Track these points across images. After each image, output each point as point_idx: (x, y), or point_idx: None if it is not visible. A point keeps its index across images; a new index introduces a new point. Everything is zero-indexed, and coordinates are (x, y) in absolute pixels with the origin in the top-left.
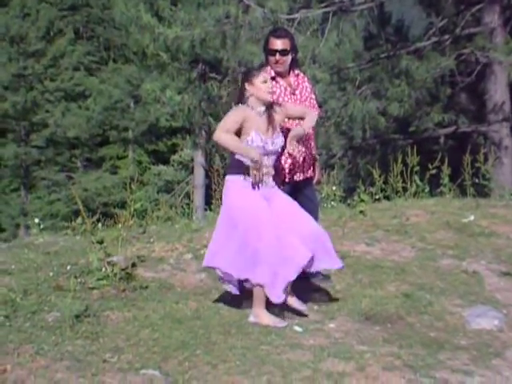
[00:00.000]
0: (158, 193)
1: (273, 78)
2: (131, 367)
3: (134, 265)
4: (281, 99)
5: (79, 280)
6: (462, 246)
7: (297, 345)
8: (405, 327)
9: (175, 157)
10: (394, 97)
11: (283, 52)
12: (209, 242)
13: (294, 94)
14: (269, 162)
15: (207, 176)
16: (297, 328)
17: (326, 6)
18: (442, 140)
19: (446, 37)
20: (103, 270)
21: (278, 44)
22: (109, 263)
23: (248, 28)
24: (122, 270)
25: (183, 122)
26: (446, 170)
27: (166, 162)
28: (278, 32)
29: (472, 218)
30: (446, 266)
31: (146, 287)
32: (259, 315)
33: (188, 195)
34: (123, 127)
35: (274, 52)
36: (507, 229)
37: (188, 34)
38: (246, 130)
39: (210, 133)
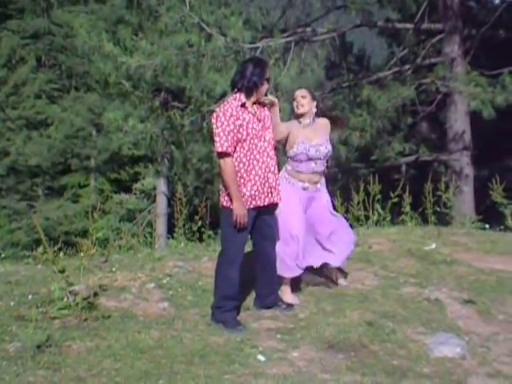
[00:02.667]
0: (120, 221)
1: (242, 105)
2: None
3: (96, 294)
4: (250, 126)
5: (41, 309)
6: (424, 273)
7: (260, 374)
8: (368, 355)
9: (137, 185)
10: (356, 126)
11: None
12: (172, 271)
13: (259, 120)
14: (316, 167)
15: (169, 204)
16: (260, 357)
17: (287, 36)
18: (403, 169)
19: (407, 67)
20: (65, 299)
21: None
22: (71, 292)
23: (210, 56)
24: (84, 299)
25: (146, 151)
26: (407, 199)
27: (128, 190)
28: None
29: (434, 245)
30: (408, 294)
31: (109, 317)
32: (284, 292)
33: (150, 224)
34: (85, 155)
35: (268, 80)
36: (469, 256)
37: (150, 62)
38: (292, 139)
39: (172, 161)
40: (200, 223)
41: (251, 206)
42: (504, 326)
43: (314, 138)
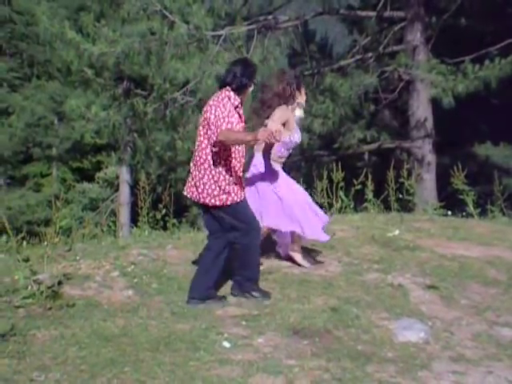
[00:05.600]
0: (83, 210)
1: (236, 107)
2: None
3: (60, 283)
4: (238, 126)
5: (5, 299)
6: (388, 260)
7: (226, 360)
8: (332, 341)
9: (100, 174)
10: (319, 113)
11: None
12: (136, 259)
13: (242, 122)
14: (287, 154)
15: (133, 193)
16: (225, 343)
17: (250, 24)
18: (366, 156)
19: (370, 54)
20: (29, 288)
21: None
22: (35, 281)
23: (173, 44)
24: (49, 288)
25: (108, 139)
26: (370, 186)
27: (90, 179)
28: None
29: (397, 232)
30: (371, 280)
31: (73, 305)
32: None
33: (114, 213)
34: (47, 144)
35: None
36: (431, 242)
37: (113, 50)
38: (289, 126)
39: (135, 149)
40: (164, 211)
41: (242, 198)
42: (466, 310)
43: (296, 126)
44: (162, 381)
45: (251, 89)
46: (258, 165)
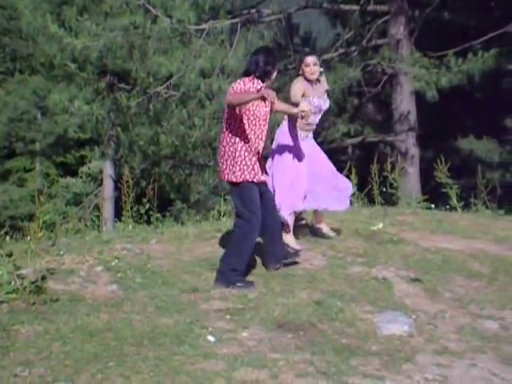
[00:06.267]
0: (66, 205)
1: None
2: (43, 381)
3: (43, 277)
4: (260, 108)
5: None
6: (372, 253)
7: (210, 354)
8: (317, 334)
9: (84, 169)
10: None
11: None
12: (120, 253)
13: (266, 105)
14: (315, 120)
15: (116, 188)
16: (210, 337)
17: (233, 17)
18: (349, 150)
19: (353, 48)
20: (12, 283)
21: None
22: (18, 276)
23: (156, 38)
24: (32, 282)
25: (91, 133)
26: (354, 180)
27: (74, 174)
28: None
29: (381, 225)
30: (356, 274)
31: (57, 300)
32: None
33: (97, 207)
34: (30, 139)
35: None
36: (415, 236)
37: (95, 44)
38: (307, 94)
39: (118, 143)
40: (148, 206)
41: (254, 180)
42: (450, 303)
43: (321, 95)
44: (147, 375)
45: (275, 74)
46: (284, 132)
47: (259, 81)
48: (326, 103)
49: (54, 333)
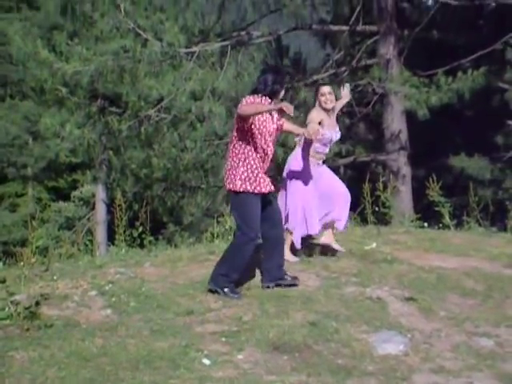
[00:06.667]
0: (59, 230)
1: None
2: None
3: (37, 303)
4: (267, 124)
5: None
6: (366, 273)
7: (206, 377)
8: (312, 355)
9: (76, 193)
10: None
11: None
12: (114, 277)
13: (273, 122)
14: (325, 150)
15: (109, 211)
16: (205, 360)
17: (223, 40)
18: (341, 170)
19: (343, 68)
20: (6, 309)
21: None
22: (12, 302)
23: (146, 62)
24: (26, 308)
25: (83, 157)
26: None
27: (66, 198)
28: None
29: (374, 245)
30: (350, 294)
31: (51, 325)
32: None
33: (90, 231)
34: (22, 164)
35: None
36: (408, 255)
37: (86, 68)
38: (322, 123)
39: (110, 167)
40: (141, 229)
41: (255, 191)
42: (445, 322)
43: (335, 126)
44: None
45: (282, 93)
46: (297, 159)
47: (267, 98)
48: (337, 135)
49: (49, 358)
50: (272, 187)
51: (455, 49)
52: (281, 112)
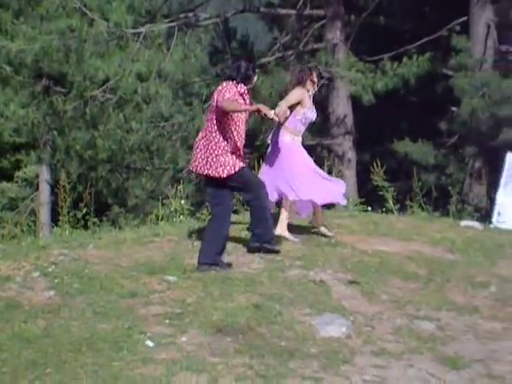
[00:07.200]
0: (1, 210)
1: (241, 94)
2: None
3: None
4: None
5: None
6: (309, 256)
7: (149, 359)
8: (256, 338)
9: (19, 173)
10: None
11: None
12: (57, 259)
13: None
14: (304, 130)
15: (53, 192)
16: (148, 342)
17: (171, 21)
18: None
19: (290, 52)
20: None
21: None
22: None
23: (93, 42)
24: None
25: (27, 137)
26: None
27: (9, 178)
28: None
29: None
30: (294, 276)
31: None
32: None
33: (34, 212)
34: None
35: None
36: (352, 238)
37: (31, 47)
38: (303, 105)
39: (54, 148)
40: (85, 210)
41: (245, 165)
42: (387, 305)
43: (312, 106)
44: (85, 381)
45: (255, 78)
46: (278, 138)
47: (242, 84)
48: (315, 115)
49: None
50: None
51: (401, 35)
52: (258, 112)
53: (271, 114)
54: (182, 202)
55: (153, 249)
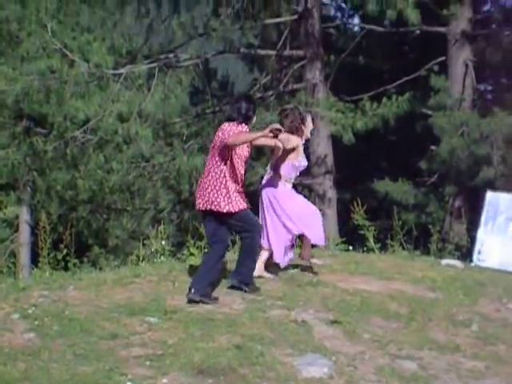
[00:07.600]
0: None
1: None
2: None
3: None
4: (245, 148)
5: None
6: (291, 295)
7: None
8: (237, 379)
9: None
10: None
11: None
12: (37, 301)
13: (248, 146)
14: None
15: (33, 233)
16: None
17: (151, 62)
18: None
19: (270, 92)
20: None
21: None
22: None
23: (73, 83)
24: None
25: (7, 178)
26: None
27: None
28: None
29: (299, 268)
30: (275, 317)
31: None
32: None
33: (13, 254)
34: None
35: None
36: (333, 278)
37: (12, 88)
38: (298, 153)
39: (35, 188)
40: (65, 251)
41: (246, 206)
42: (369, 345)
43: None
44: None
45: (255, 119)
46: (269, 180)
47: (243, 124)
48: (306, 161)
49: None
50: None
51: (380, 74)
52: (272, 133)
53: (278, 126)
54: (163, 242)
55: (133, 290)
